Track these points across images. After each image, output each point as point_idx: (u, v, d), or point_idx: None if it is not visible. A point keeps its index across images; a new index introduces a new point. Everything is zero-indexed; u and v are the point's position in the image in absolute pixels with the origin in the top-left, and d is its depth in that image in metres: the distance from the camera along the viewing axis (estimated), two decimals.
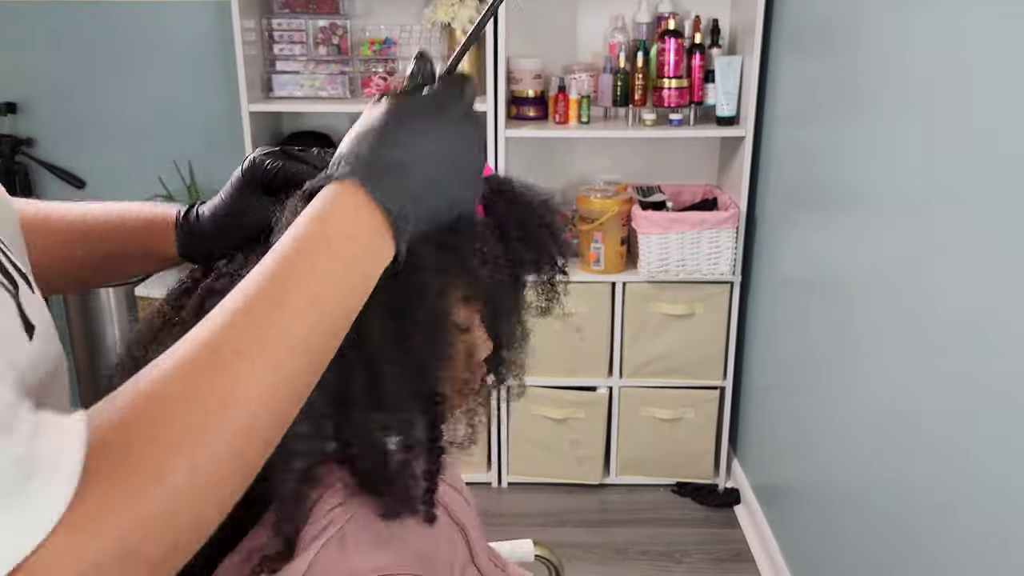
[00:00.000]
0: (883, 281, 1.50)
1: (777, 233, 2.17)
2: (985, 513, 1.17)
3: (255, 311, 0.48)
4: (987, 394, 1.16)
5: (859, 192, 1.62)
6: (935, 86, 1.32)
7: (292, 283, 0.49)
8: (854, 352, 1.63)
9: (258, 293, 0.49)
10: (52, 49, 2.55)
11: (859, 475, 1.61)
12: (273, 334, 0.47)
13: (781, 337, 2.15)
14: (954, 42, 1.27)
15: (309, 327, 0.49)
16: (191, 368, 0.45)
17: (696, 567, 2.25)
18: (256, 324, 0.47)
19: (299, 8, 2.40)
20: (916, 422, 1.37)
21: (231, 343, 0.46)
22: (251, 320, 0.47)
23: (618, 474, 2.56)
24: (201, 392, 0.44)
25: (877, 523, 1.51)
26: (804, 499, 1.97)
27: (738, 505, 2.47)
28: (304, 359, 0.49)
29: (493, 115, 2.27)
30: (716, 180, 2.59)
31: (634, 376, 2.45)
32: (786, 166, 2.10)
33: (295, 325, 0.48)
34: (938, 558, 1.29)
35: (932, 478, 1.32)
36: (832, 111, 1.78)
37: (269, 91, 2.40)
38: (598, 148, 2.59)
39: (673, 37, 2.26)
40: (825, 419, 1.80)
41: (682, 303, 2.38)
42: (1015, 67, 1.10)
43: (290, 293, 0.49)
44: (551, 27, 2.48)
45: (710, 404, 2.48)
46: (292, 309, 0.48)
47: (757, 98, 2.24)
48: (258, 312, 0.48)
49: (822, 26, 1.86)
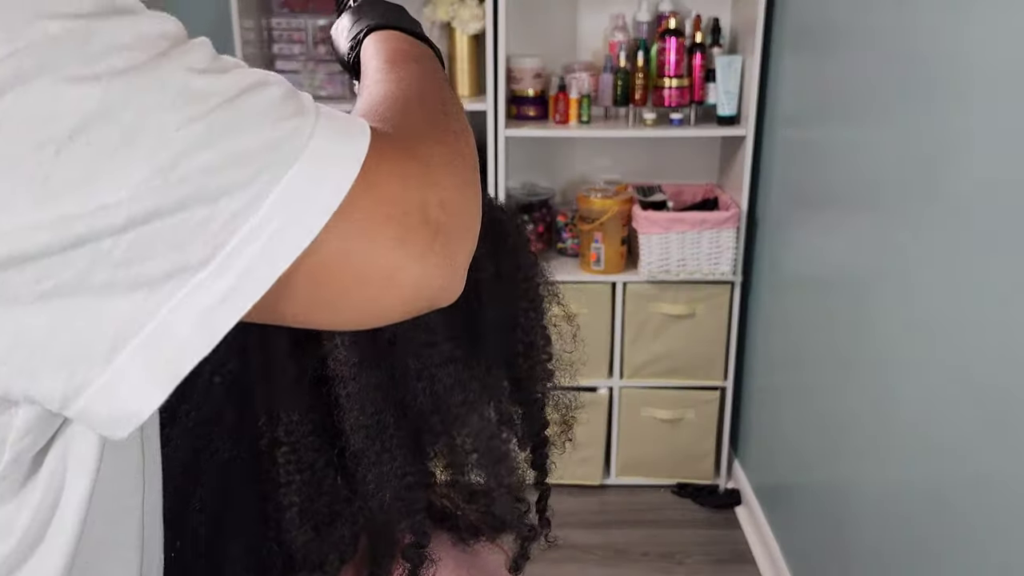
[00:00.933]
0: (885, 281, 1.50)
1: (778, 233, 2.16)
2: (986, 514, 1.16)
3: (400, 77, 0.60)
4: (989, 394, 1.15)
5: (860, 192, 1.62)
6: (937, 85, 1.31)
7: (404, 61, 0.63)
8: (856, 353, 1.63)
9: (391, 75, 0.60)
10: None
11: (860, 476, 1.61)
12: (422, 76, 0.61)
13: (782, 338, 2.14)
14: (956, 41, 1.26)
15: (437, 83, 0.62)
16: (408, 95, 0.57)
17: (697, 568, 2.24)
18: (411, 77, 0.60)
19: (298, 7, 2.39)
20: (918, 423, 1.36)
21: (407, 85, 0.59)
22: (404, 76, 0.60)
23: (618, 475, 2.55)
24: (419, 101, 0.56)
25: (878, 524, 1.51)
26: (805, 500, 1.96)
27: (739, 506, 2.46)
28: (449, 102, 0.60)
29: (493, 114, 2.26)
30: (717, 180, 2.58)
31: (634, 376, 2.44)
32: (787, 166, 2.10)
33: (430, 76, 0.62)
34: (939, 559, 1.29)
35: (934, 479, 1.31)
36: (834, 111, 1.78)
37: None
38: (598, 148, 2.58)
39: (674, 36, 2.25)
40: (826, 420, 1.80)
41: (683, 303, 2.37)
42: (1018, 66, 1.09)
43: (418, 66, 0.63)
44: (551, 26, 2.48)
45: (711, 405, 2.47)
46: (424, 71, 0.62)
47: (758, 98, 2.23)
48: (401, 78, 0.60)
49: (823, 25, 1.85)
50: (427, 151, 0.48)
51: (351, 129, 0.43)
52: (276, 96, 0.41)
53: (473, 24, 2.29)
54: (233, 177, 0.37)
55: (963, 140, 1.23)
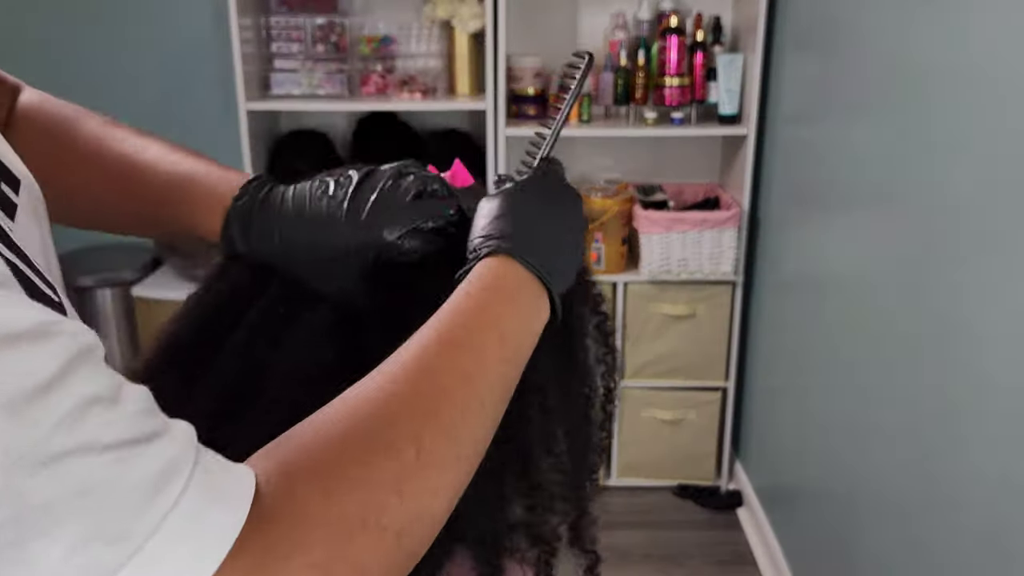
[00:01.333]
0: (886, 281, 1.49)
1: (780, 233, 2.15)
2: (988, 515, 1.15)
3: (445, 358, 0.49)
4: (991, 394, 1.14)
5: (862, 191, 1.61)
6: (939, 84, 1.30)
7: (480, 332, 0.52)
8: (857, 353, 1.62)
9: (447, 340, 0.50)
10: (48, 48, 2.53)
11: (862, 477, 1.60)
12: (470, 375, 0.50)
13: (784, 338, 2.13)
14: (958, 40, 1.25)
15: (499, 375, 0.52)
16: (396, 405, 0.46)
17: (698, 570, 2.23)
18: (450, 368, 0.49)
19: (297, 6, 2.38)
20: (919, 423, 1.35)
21: (425, 385, 0.48)
22: (442, 366, 0.49)
23: (619, 476, 2.54)
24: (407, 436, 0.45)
25: (880, 525, 1.50)
26: (807, 501, 1.95)
27: (740, 508, 2.45)
28: (492, 406, 0.51)
29: (493, 113, 2.25)
30: (718, 179, 2.57)
31: (635, 377, 2.43)
32: (789, 165, 2.08)
33: (489, 371, 0.51)
34: (941, 560, 1.28)
35: (935, 480, 1.30)
36: (835, 109, 1.77)
37: (267, 89, 2.38)
38: (599, 147, 2.57)
39: (675, 35, 2.24)
40: (828, 420, 1.79)
41: (684, 303, 2.36)
42: (1019, 65, 1.08)
43: (484, 341, 0.52)
44: (552, 25, 2.47)
45: (712, 405, 2.46)
46: (486, 354, 0.51)
47: (759, 96, 2.22)
48: (450, 358, 0.50)
49: (825, 24, 1.84)
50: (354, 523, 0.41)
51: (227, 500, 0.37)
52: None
53: (473, 22, 2.28)
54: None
55: (964, 139, 1.22)
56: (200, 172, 0.63)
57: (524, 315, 0.56)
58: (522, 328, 0.55)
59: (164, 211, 0.63)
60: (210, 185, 0.62)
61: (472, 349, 0.51)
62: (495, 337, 0.52)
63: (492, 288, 0.55)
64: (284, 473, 0.41)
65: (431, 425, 0.46)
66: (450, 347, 0.50)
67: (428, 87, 2.37)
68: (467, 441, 0.48)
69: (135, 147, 0.65)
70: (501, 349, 0.52)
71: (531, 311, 0.57)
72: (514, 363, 0.54)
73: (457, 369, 0.49)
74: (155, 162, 0.64)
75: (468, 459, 0.48)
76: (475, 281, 0.55)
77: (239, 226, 0.60)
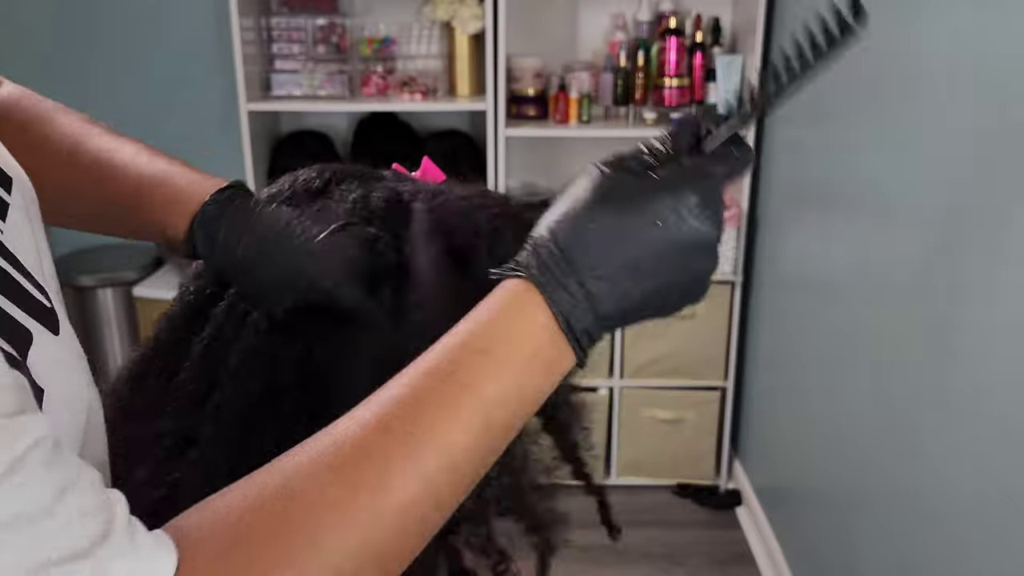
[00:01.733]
0: (885, 280, 1.49)
1: (779, 233, 2.16)
2: (987, 515, 1.15)
3: (409, 421, 0.42)
4: (990, 395, 1.15)
5: (861, 191, 1.61)
6: (938, 85, 1.31)
7: (450, 419, 0.43)
8: (856, 352, 1.62)
9: (420, 398, 0.43)
10: (49, 47, 2.54)
11: (861, 476, 1.60)
12: (431, 446, 0.42)
13: (783, 337, 2.13)
14: (957, 40, 1.25)
15: (471, 442, 0.43)
16: (339, 469, 0.41)
17: (697, 569, 2.23)
18: (411, 437, 0.42)
19: (298, 7, 2.39)
20: (918, 423, 1.36)
21: (375, 456, 0.41)
22: (404, 432, 0.42)
23: (619, 475, 2.55)
24: (348, 504, 0.40)
25: (880, 525, 1.50)
26: (806, 501, 1.96)
27: (739, 507, 2.46)
28: (456, 476, 0.43)
29: (493, 114, 2.26)
30: None
31: (635, 377, 2.44)
32: (788, 165, 2.09)
33: (455, 467, 0.43)
34: (941, 559, 1.28)
35: (935, 480, 1.31)
36: (834, 110, 1.77)
37: (267, 90, 2.39)
38: (599, 147, 2.57)
39: (674, 36, 2.25)
40: (827, 420, 1.79)
41: None
42: (1019, 66, 1.09)
43: (461, 403, 0.43)
44: (552, 25, 2.47)
45: (711, 405, 2.47)
46: (452, 442, 0.43)
47: None
48: (416, 421, 0.42)
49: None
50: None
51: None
52: None
53: (473, 23, 2.28)
54: None
55: (963, 140, 1.23)
56: (173, 174, 0.62)
57: (531, 382, 0.45)
58: (524, 399, 0.45)
59: (134, 211, 0.63)
60: (181, 187, 0.61)
61: (432, 440, 0.42)
62: (475, 419, 0.43)
63: (484, 344, 0.45)
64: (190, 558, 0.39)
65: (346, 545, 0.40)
66: (402, 435, 0.42)
67: (428, 88, 2.38)
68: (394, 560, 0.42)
69: (109, 146, 0.65)
70: (477, 438, 0.43)
71: (543, 373, 0.46)
72: (499, 442, 0.45)
73: (405, 471, 0.41)
74: (128, 162, 0.63)
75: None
76: (472, 327, 0.46)
77: (204, 232, 0.59)
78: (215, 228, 0.59)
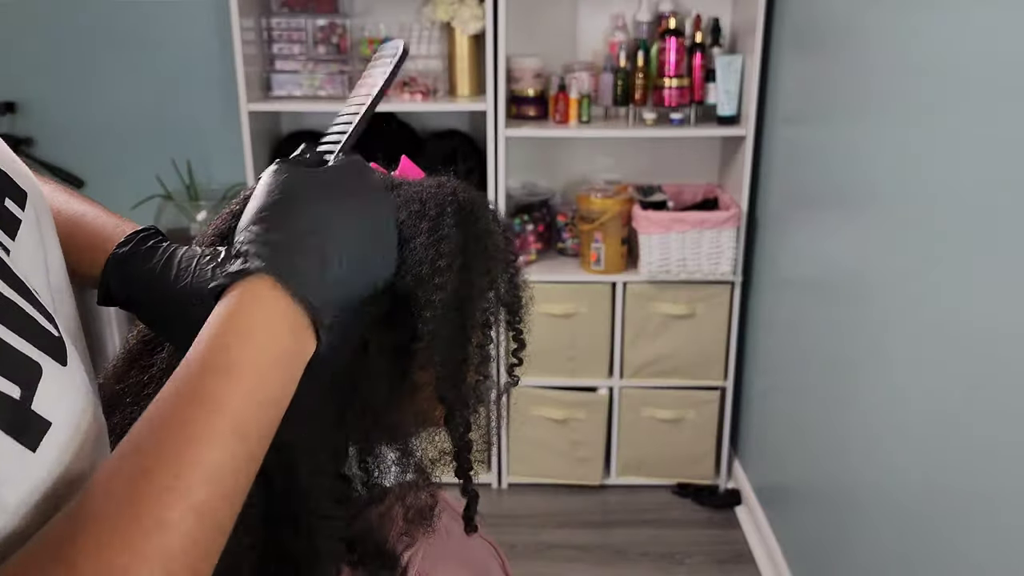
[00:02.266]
0: (885, 281, 1.50)
1: (778, 233, 2.16)
2: (987, 515, 1.16)
3: (166, 440, 0.42)
4: (989, 395, 1.15)
5: (861, 192, 1.62)
6: (938, 85, 1.31)
7: (208, 405, 0.43)
8: (856, 353, 1.62)
9: (169, 419, 0.43)
10: (50, 48, 2.54)
11: (861, 476, 1.60)
12: (187, 463, 0.42)
13: (782, 337, 2.14)
14: (957, 40, 1.26)
15: (231, 452, 0.43)
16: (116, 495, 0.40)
17: (697, 568, 2.24)
18: (167, 455, 0.42)
19: (298, 7, 2.39)
20: (917, 422, 1.36)
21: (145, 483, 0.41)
22: (161, 451, 0.42)
23: (619, 475, 2.55)
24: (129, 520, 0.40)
25: (879, 524, 1.50)
26: (806, 500, 1.96)
27: (739, 506, 2.46)
28: (219, 485, 0.43)
29: (493, 114, 2.26)
30: (717, 180, 2.58)
31: (635, 376, 2.44)
32: (788, 166, 2.09)
33: (214, 452, 0.43)
34: (940, 559, 1.28)
35: (934, 479, 1.31)
36: (834, 110, 1.78)
37: (268, 90, 2.39)
38: (598, 147, 2.58)
39: (674, 36, 2.25)
40: (827, 420, 1.79)
41: (683, 303, 2.37)
42: (1018, 65, 1.09)
43: (208, 418, 0.43)
44: (551, 26, 2.48)
45: (711, 405, 2.47)
46: (208, 436, 0.43)
47: (758, 97, 2.23)
48: (169, 440, 0.42)
49: (824, 25, 1.85)
50: None
51: None
52: None
53: (473, 24, 2.29)
54: None
55: (963, 140, 1.23)
56: (88, 216, 0.61)
57: (272, 369, 0.46)
58: (266, 400, 0.46)
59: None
60: (95, 230, 0.60)
61: (193, 471, 0.42)
62: (229, 437, 0.43)
63: (220, 341, 0.45)
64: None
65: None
66: (160, 429, 0.42)
67: (429, 88, 2.38)
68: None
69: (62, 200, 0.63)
70: (235, 450, 0.43)
71: (288, 357, 0.47)
72: (263, 442, 0.45)
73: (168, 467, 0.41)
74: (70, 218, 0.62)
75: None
76: (208, 327, 0.46)
77: (118, 274, 0.57)
78: (127, 271, 0.57)
